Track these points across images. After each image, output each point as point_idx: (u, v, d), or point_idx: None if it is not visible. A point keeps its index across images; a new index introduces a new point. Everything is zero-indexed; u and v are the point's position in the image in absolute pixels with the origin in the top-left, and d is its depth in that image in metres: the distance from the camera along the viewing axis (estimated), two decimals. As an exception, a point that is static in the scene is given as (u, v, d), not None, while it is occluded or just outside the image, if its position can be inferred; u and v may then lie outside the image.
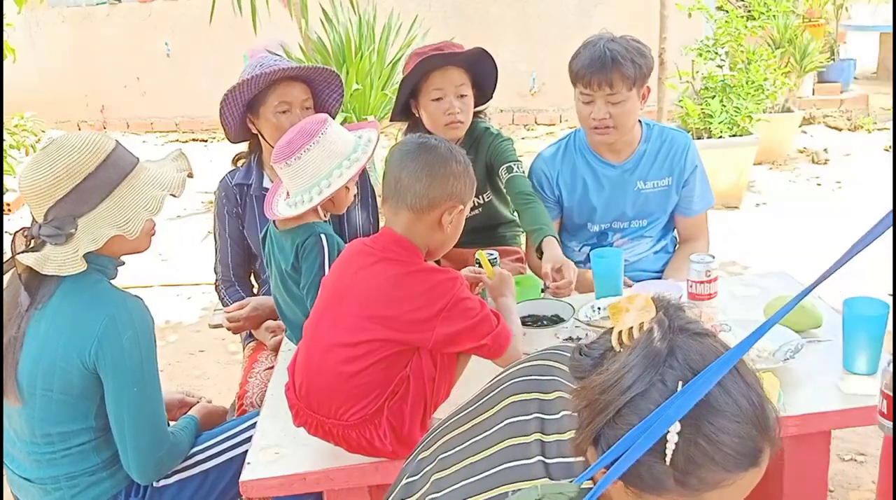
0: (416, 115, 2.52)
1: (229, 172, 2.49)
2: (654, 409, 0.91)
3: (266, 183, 2.45)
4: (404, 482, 1.24)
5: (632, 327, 0.97)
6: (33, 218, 1.69)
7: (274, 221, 2.07)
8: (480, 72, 2.48)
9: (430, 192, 1.59)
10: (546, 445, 1.11)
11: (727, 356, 1.02)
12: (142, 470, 1.73)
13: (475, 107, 2.53)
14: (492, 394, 1.23)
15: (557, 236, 2.27)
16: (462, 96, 2.42)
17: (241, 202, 2.46)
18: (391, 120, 2.73)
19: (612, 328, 0.99)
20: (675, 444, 0.90)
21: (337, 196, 1.99)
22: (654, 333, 0.95)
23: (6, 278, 1.76)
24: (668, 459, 0.91)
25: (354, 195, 2.13)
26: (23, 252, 1.66)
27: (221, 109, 2.30)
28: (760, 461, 0.93)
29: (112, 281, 1.76)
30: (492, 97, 2.57)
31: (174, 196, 1.74)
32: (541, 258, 2.21)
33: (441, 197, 1.60)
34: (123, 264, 1.80)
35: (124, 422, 1.69)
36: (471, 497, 1.10)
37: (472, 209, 2.62)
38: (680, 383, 0.92)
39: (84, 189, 1.64)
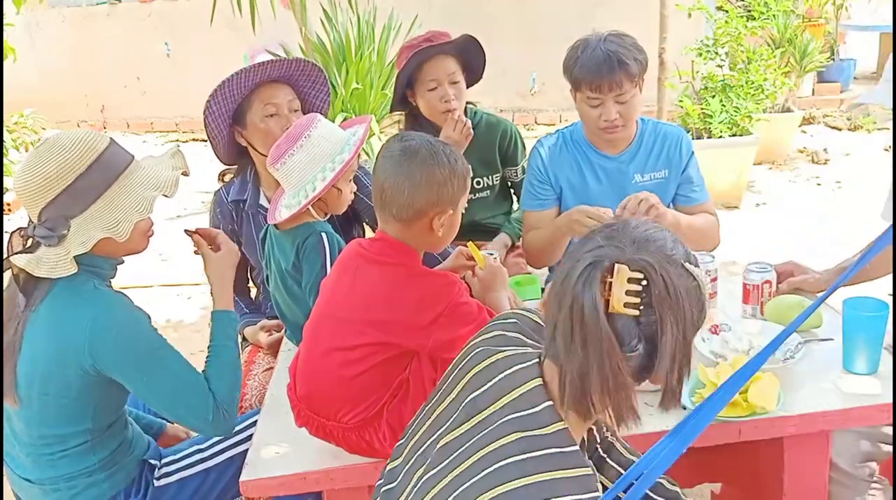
0: (414, 104, 2.67)
1: (223, 187, 2.44)
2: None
3: (262, 200, 2.40)
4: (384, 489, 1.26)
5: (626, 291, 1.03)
6: (29, 218, 1.69)
7: (275, 223, 2.07)
8: (469, 56, 2.65)
9: (414, 202, 1.56)
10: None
11: (741, 372, 1.00)
12: (217, 427, 1.73)
13: (468, 86, 2.69)
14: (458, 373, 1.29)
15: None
16: (454, 83, 2.59)
17: (236, 219, 2.42)
18: (391, 110, 2.88)
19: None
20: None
21: (329, 198, 1.99)
22: (654, 272, 1.02)
23: (6, 277, 1.76)
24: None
25: (354, 193, 2.12)
26: (18, 253, 1.65)
27: (206, 121, 2.25)
28: None
29: (110, 281, 1.76)
30: (481, 77, 2.75)
31: (167, 196, 1.72)
32: None
33: (426, 206, 1.57)
34: (122, 262, 1.79)
35: (164, 404, 1.71)
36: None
37: (482, 190, 2.76)
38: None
39: (76, 190, 1.62)
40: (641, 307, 1.01)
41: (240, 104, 2.26)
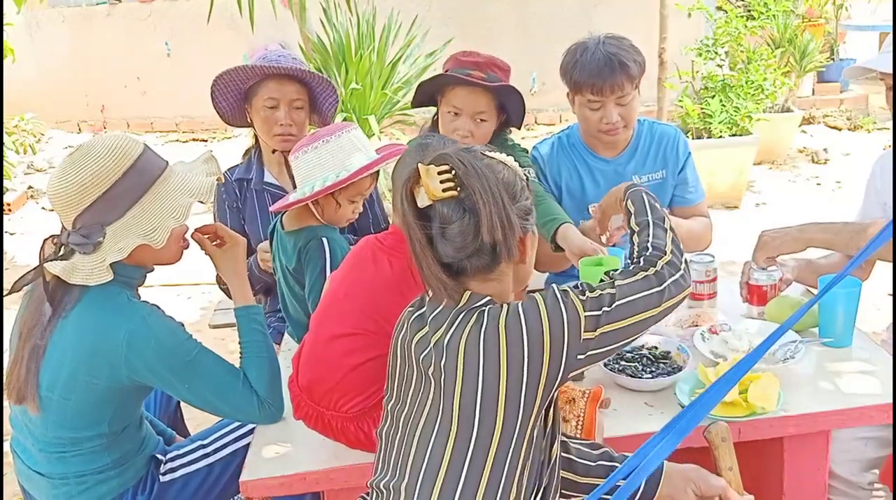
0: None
1: (228, 170, 2.50)
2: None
3: (267, 177, 2.48)
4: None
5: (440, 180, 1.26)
6: (62, 225, 1.67)
7: (281, 220, 2.08)
8: (507, 104, 2.33)
9: None
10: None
11: (737, 368, 1.03)
12: (265, 417, 1.76)
13: (505, 127, 2.40)
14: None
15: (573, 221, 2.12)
16: (482, 121, 2.27)
17: (240, 197, 2.48)
18: (413, 106, 2.58)
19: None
20: (518, 165, 1.39)
21: (326, 206, 2.00)
22: (457, 159, 1.26)
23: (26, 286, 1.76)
24: (523, 175, 1.37)
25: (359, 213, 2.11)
26: (51, 260, 1.64)
27: (213, 92, 2.34)
28: None
29: (138, 289, 1.76)
30: (520, 126, 2.40)
31: (202, 202, 1.73)
32: (556, 250, 2.09)
33: None
34: (152, 270, 1.79)
35: (209, 406, 1.75)
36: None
37: None
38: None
39: (111, 197, 1.62)
40: (458, 188, 1.26)
41: (251, 86, 2.36)
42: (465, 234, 1.26)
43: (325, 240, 1.98)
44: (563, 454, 1.45)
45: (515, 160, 2.48)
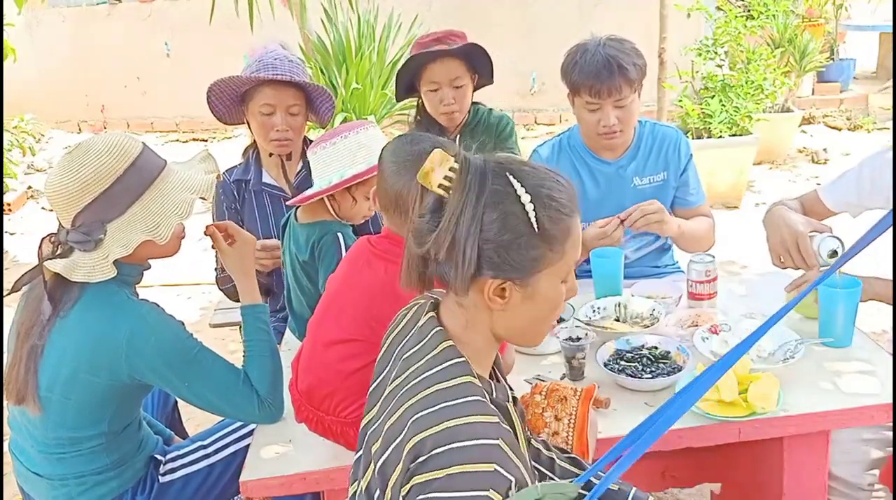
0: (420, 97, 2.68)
1: (226, 171, 2.50)
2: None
3: (266, 178, 2.48)
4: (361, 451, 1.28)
5: (444, 176, 1.14)
6: (60, 223, 1.67)
7: (295, 213, 2.08)
8: (476, 62, 2.61)
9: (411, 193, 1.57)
10: None
11: (727, 357, 1.04)
12: (265, 417, 1.76)
13: (480, 86, 2.69)
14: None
15: None
16: (458, 87, 2.58)
17: (239, 198, 2.48)
18: (397, 100, 2.89)
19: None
20: (534, 210, 1.13)
21: (342, 201, 2.01)
22: (467, 166, 1.13)
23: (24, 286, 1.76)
24: (535, 225, 1.13)
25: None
26: (50, 258, 1.64)
27: (209, 97, 2.35)
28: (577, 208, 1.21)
29: (136, 285, 1.77)
30: (493, 81, 2.69)
31: (203, 199, 1.73)
32: None
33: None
34: (150, 267, 1.80)
35: (209, 405, 1.74)
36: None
37: None
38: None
39: (113, 194, 1.62)
40: (449, 191, 1.15)
41: (247, 90, 2.36)
42: (421, 232, 1.16)
43: (339, 236, 1.99)
44: (547, 472, 1.42)
45: (493, 123, 2.64)
